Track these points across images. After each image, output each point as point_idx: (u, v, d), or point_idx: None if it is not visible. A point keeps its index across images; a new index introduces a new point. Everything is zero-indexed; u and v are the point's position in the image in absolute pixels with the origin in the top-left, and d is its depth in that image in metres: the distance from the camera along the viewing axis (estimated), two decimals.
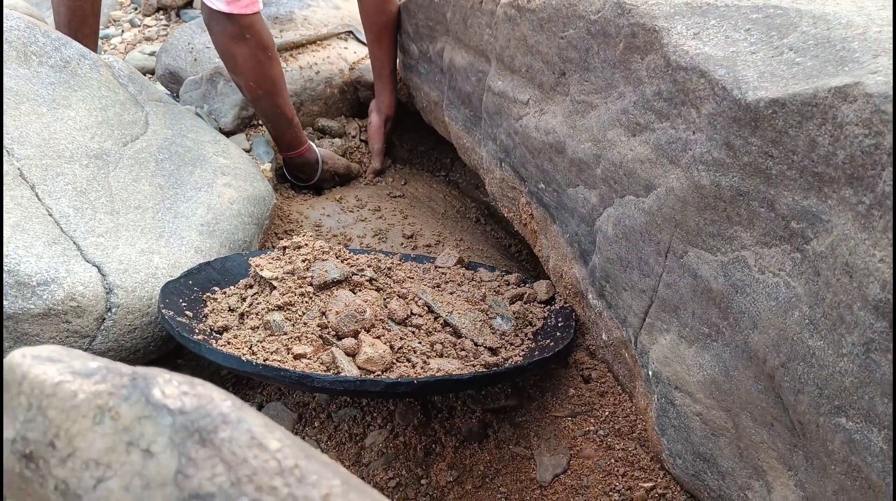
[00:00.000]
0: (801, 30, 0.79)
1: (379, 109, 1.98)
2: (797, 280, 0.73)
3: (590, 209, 1.09)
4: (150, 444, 0.41)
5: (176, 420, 0.41)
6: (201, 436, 0.41)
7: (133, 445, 0.41)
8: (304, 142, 1.84)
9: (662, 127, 0.90)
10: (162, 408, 0.42)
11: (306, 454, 0.42)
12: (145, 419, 0.42)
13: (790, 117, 0.70)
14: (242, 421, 0.41)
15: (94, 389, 0.43)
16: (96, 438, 0.42)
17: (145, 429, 0.42)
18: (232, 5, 1.52)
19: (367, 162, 2.02)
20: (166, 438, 0.41)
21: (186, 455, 0.41)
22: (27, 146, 1.23)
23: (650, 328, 0.98)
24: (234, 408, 0.42)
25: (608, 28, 0.98)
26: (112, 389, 0.43)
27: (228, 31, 1.57)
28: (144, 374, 0.44)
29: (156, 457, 0.41)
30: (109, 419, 0.42)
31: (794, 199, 0.72)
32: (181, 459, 0.40)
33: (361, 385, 0.93)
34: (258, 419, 0.43)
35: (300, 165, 1.87)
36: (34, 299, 1.06)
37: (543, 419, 1.13)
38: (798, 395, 0.72)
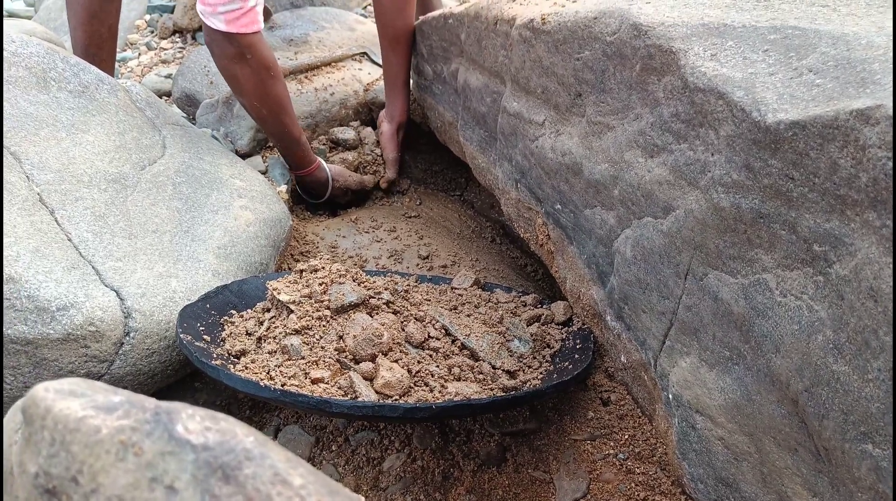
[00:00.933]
0: (821, 51, 0.78)
1: (391, 117, 1.97)
2: (820, 304, 0.72)
3: (607, 231, 1.09)
4: (173, 480, 0.41)
5: (199, 456, 0.41)
6: (225, 472, 0.40)
7: (156, 481, 0.41)
8: (313, 160, 1.84)
9: (680, 148, 0.90)
10: (185, 444, 0.41)
11: (330, 490, 0.42)
12: (168, 454, 0.42)
13: (811, 140, 0.70)
14: (266, 457, 0.41)
15: (117, 424, 0.43)
16: (119, 474, 0.42)
17: (168, 465, 0.41)
18: (232, 25, 1.52)
19: (382, 173, 2.02)
20: (189, 474, 0.41)
21: (210, 491, 0.40)
22: (47, 171, 1.24)
23: (670, 350, 0.97)
24: (258, 444, 0.42)
25: (624, 50, 0.98)
26: (135, 424, 0.43)
27: (229, 51, 1.57)
28: (167, 409, 0.44)
29: (179, 493, 0.41)
30: (132, 455, 0.42)
31: (816, 221, 0.71)
32: (204, 496, 0.40)
33: (380, 410, 0.93)
34: (281, 455, 0.42)
35: (311, 184, 1.88)
36: (53, 324, 1.07)
37: (562, 442, 1.12)
38: (823, 420, 0.71)
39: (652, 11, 0.96)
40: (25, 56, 1.39)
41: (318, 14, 2.27)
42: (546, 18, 1.14)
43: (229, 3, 1.50)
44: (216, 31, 1.54)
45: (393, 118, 1.96)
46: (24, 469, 0.49)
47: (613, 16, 1.00)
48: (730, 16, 0.91)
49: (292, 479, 0.41)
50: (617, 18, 0.99)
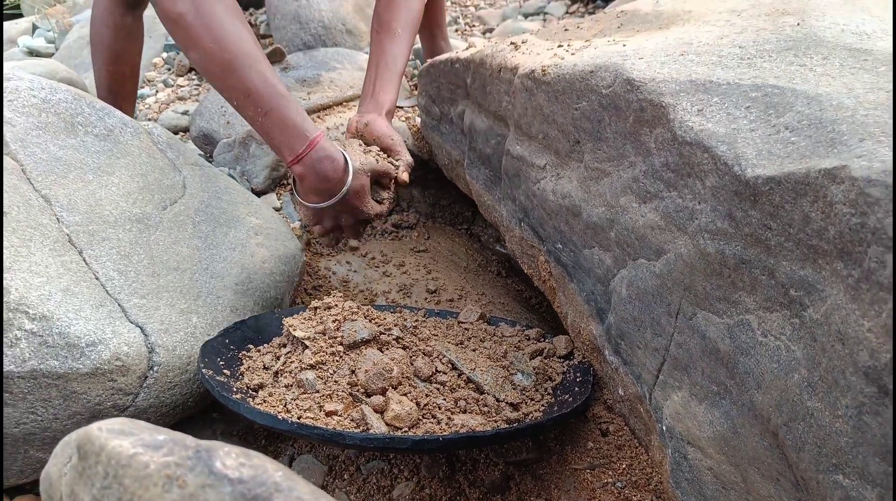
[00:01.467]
0: (797, 110, 0.85)
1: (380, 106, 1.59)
2: (796, 344, 0.78)
3: (605, 270, 1.15)
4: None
5: (235, 489, 0.47)
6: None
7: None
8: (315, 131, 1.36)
9: (671, 196, 0.96)
10: (223, 478, 0.48)
11: None
12: (208, 487, 0.48)
13: (786, 194, 0.76)
14: (293, 490, 0.47)
15: (163, 460, 0.50)
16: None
17: (208, 496, 0.48)
18: None
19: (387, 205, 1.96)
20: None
21: None
22: (75, 213, 1.31)
23: (663, 384, 1.03)
24: (286, 478, 0.48)
25: (619, 102, 1.05)
26: (179, 460, 0.49)
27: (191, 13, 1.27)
28: (207, 447, 0.50)
29: None
30: (177, 487, 0.48)
31: (792, 268, 0.77)
32: None
33: (390, 442, 0.99)
34: (307, 488, 0.49)
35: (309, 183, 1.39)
36: (83, 359, 1.14)
37: (563, 471, 1.18)
38: (800, 453, 0.77)
39: (644, 67, 1.03)
40: (55, 103, 1.47)
41: (330, 55, 2.36)
42: (546, 70, 1.21)
43: None
44: None
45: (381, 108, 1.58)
46: (75, 499, 0.56)
47: (608, 70, 1.07)
48: (716, 73, 0.98)
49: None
50: (612, 73, 1.07)
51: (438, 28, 2.28)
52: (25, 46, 3.61)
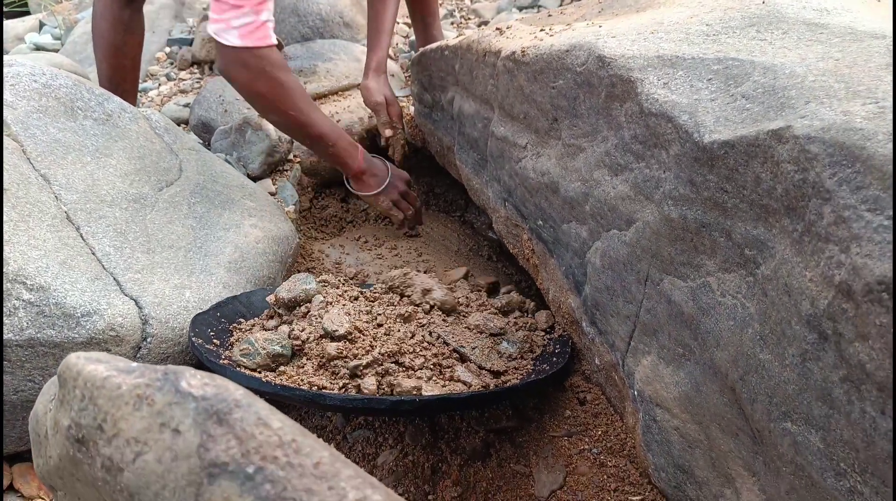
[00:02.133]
0: (753, 79, 0.89)
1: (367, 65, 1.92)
2: (750, 301, 0.82)
3: (581, 243, 1.19)
4: (178, 424, 0.51)
5: (199, 405, 0.51)
6: (219, 417, 0.51)
7: (165, 425, 0.52)
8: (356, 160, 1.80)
9: (639, 167, 1.00)
10: (188, 395, 0.52)
11: (302, 432, 0.52)
12: (174, 404, 0.52)
13: (739, 157, 0.80)
14: (252, 405, 0.51)
15: (134, 382, 0.54)
16: (136, 420, 0.52)
17: (174, 412, 0.52)
18: (246, 38, 1.53)
19: None
20: (191, 419, 0.51)
21: (207, 432, 0.51)
22: (73, 192, 1.36)
23: (634, 350, 1.07)
24: (246, 396, 0.52)
25: (591, 79, 1.09)
26: (149, 381, 0.54)
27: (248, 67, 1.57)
28: (174, 370, 0.54)
29: (182, 435, 0.51)
30: (146, 406, 0.53)
31: (747, 229, 0.81)
32: (202, 435, 0.51)
33: (368, 403, 1.03)
34: (264, 405, 0.53)
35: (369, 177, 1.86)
36: (78, 329, 1.18)
37: (542, 439, 1.22)
38: (754, 404, 0.81)
39: (615, 45, 1.07)
40: (55, 87, 1.52)
41: (327, 46, 2.40)
42: (525, 51, 1.25)
43: (242, 16, 1.51)
44: (232, 48, 1.54)
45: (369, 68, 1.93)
46: (58, 426, 0.60)
47: (582, 49, 1.11)
48: (682, 49, 1.01)
49: (272, 422, 0.51)
50: (585, 51, 1.10)
51: (431, 17, 2.32)
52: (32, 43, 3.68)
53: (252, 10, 1.53)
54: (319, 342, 1.18)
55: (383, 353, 1.15)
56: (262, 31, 1.56)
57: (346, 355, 1.14)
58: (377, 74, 1.93)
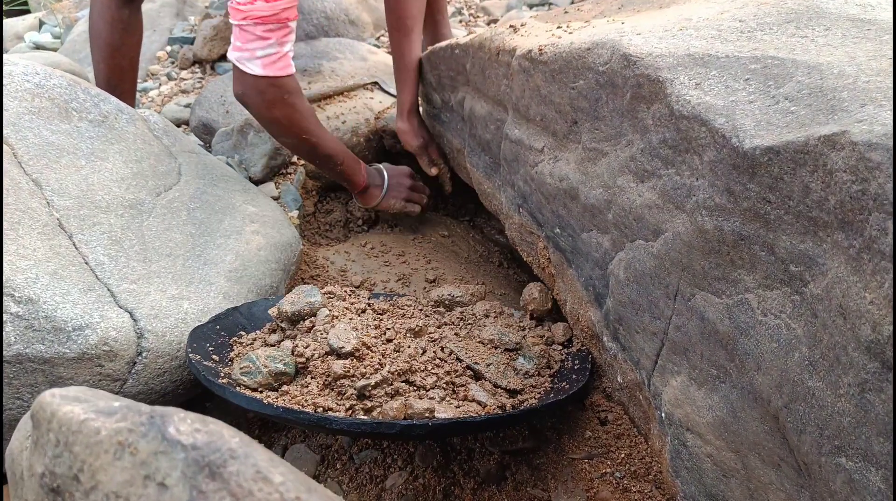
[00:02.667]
0: (797, 80, 0.82)
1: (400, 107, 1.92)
2: (797, 322, 0.75)
3: (603, 254, 1.12)
4: (164, 477, 0.45)
5: (189, 455, 0.45)
6: (211, 470, 0.44)
7: (149, 478, 0.45)
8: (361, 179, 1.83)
9: (668, 173, 0.93)
10: (176, 444, 0.45)
11: (308, 487, 0.46)
12: (161, 454, 0.45)
13: (785, 164, 0.73)
14: (249, 456, 0.45)
15: (115, 426, 0.47)
16: (116, 472, 0.46)
17: (160, 463, 0.45)
18: (269, 68, 1.56)
19: None
20: (179, 472, 0.44)
21: (197, 487, 0.44)
22: (66, 198, 1.29)
23: (662, 370, 1.00)
24: (242, 444, 0.45)
25: (615, 79, 1.02)
26: (132, 426, 0.47)
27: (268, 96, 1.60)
28: (161, 412, 0.47)
29: (170, 490, 0.44)
30: (129, 454, 0.46)
31: (792, 243, 0.74)
32: (192, 491, 0.44)
33: (377, 427, 0.96)
34: (264, 455, 0.46)
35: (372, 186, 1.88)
36: (69, 343, 1.11)
37: (560, 461, 1.15)
38: (801, 435, 0.74)
39: (641, 42, 1.00)
40: (49, 88, 1.45)
41: (332, 45, 2.33)
42: (543, 49, 1.18)
43: (267, 48, 1.54)
44: (252, 76, 1.57)
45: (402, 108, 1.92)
46: (32, 471, 0.53)
47: (605, 47, 1.04)
48: (714, 46, 0.95)
49: (273, 476, 0.44)
50: (608, 49, 1.03)
51: (441, 15, 2.25)
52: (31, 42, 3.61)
53: (277, 42, 1.56)
54: (325, 360, 1.11)
55: (393, 371, 1.08)
56: (283, 61, 1.59)
57: (354, 373, 1.07)
58: (411, 115, 1.93)
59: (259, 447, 0.46)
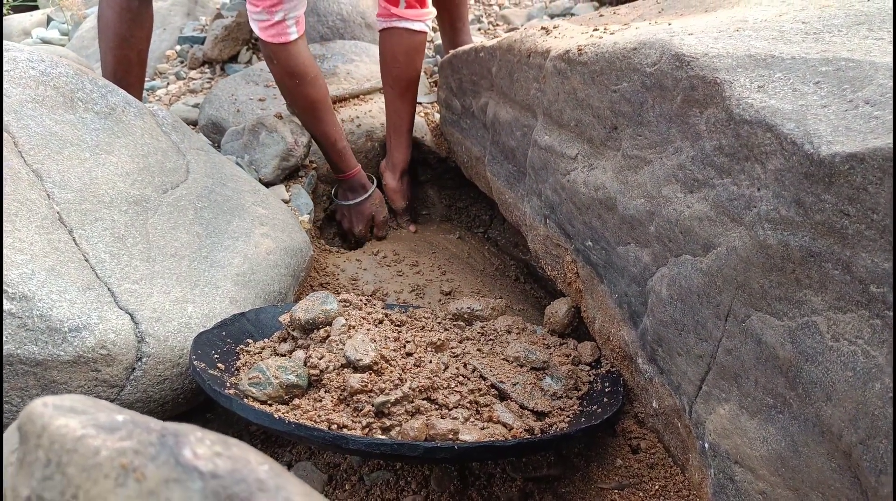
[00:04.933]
0: (878, 83, 0.74)
1: (394, 166, 1.95)
2: (877, 349, 0.67)
3: (641, 269, 1.04)
4: None
5: (207, 485, 0.37)
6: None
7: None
8: (351, 167, 1.87)
9: (723, 183, 0.86)
10: (192, 471, 0.37)
11: None
12: (173, 482, 0.37)
13: (870, 173, 0.65)
14: (281, 489, 0.37)
15: (118, 446, 0.39)
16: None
17: (173, 494, 0.37)
18: (262, 33, 1.65)
19: None
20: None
21: None
22: (68, 191, 1.22)
23: (707, 396, 0.92)
24: (273, 474, 0.37)
25: (665, 81, 0.95)
26: (138, 446, 0.39)
27: (265, 54, 1.72)
28: (175, 431, 0.40)
29: None
30: (134, 481, 0.38)
31: (874, 261, 0.67)
32: None
33: (398, 449, 0.88)
34: (298, 488, 0.38)
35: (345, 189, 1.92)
36: (64, 345, 1.04)
37: (588, 490, 1.06)
38: (880, 476, 0.66)
39: (695, 42, 0.93)
40: (54, 76, 1.38)
41: (348, 47, 2.27)
42: (583, 49, 1.11)
43: (259, 13, 1.63)
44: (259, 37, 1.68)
45: (396, 167, 1.95)
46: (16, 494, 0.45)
47: (654, 46, 0.97)
48: (777, 48, 0.87)
49: None
50: (658, 49, 0.96)
51: (461, 22, 2.19)
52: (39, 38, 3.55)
53: (265, 10, 1.62)
54: (340, 373, 1.03)
55: (414, 388, 1.00)
56: (276, 29, 1.65)
57: (372, 389, 0.99)
58: (403, 176, 1.98)
59: (292, 477, 0.39)
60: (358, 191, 1.91)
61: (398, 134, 1.92)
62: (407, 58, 1.82)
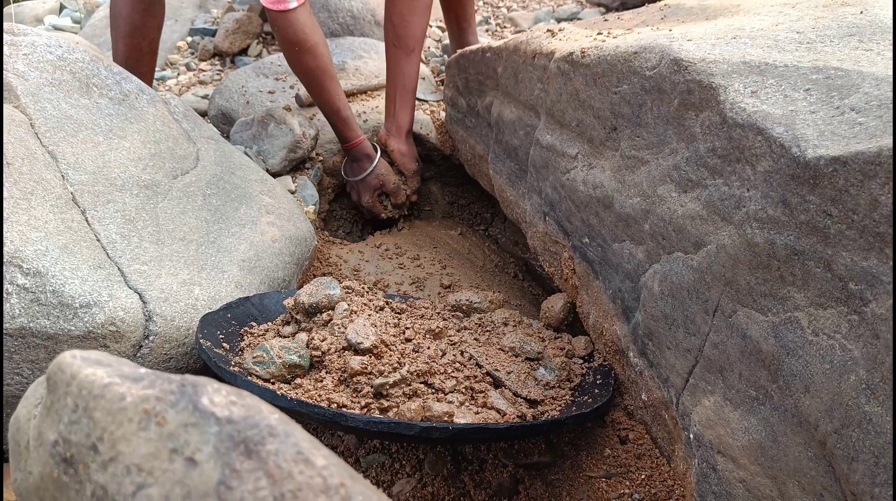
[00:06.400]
0: (864, 91, 0.78)
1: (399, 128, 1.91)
2: (854, 343, 0.70)
3: (635, 265, 1.08)
4: (194, 452, 0.40)
5: (223, 430, 0.40)
6: (247, 447, 0.40)
7: (177, 452, 0.41)
8: (354, 137, 1.87)
9: (715, 184, 0.89)
10: (209, 416, 0.41)
11: (351, 474, 0.41)
12: (191, 426, 0.41)
13: (852, 176, 0.69)
14: (290, 435, 0.40)
15: (142, 393, 0.43)
16: (140, 443, 0.41)
17: (190, 437, 0.41)
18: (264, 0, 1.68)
19: None
20: (211, 447, 0.40)
21: (231, 465, 0.39)
22: (81, 172, 1.25)
23: (694, 388, 0.96)
24: (283, 422, 0.41)
25: (663, 84, 0.98)
26: (160, 394, 0.42)
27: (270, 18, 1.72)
28: (193, 381, 0.43)
29: (199, 466, 0.40)
30: (155, 425, 0.41)
31: (853, 259, 0.70)
32: (225, 470, 0.39)
33: (395, 427, 0.91)
34: (305, 436, 0.42)
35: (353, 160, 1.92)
36: (76, 320, 1.07)
37: (577, 478, 1.10)
38: (852, 463, 0.69)
39: (693, 48, 0.96)
40: (71, 61, 1.42)
41: (357, 44, 2.30)
42: (586, 52, 1.15)
43: None
44: None
45: (401, 129, 1.92)
46: (41, 439, 0.49)
47: (654, 51, 1.01)
48: (771, 55, 0.91)
49: (315, 459, 0.40)
50: (657, 53, 1.00)
51: (467, 22, 2.22)
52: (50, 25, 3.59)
53: None
54: (342, 355, 1.06)
55: (412, 372, 1.03)
56: None
57: (371, 371, 1.03)
58: (409, 138, 1.95)
59: (299, 427, 0.42)
60: (363, 161, 1.90)
61: (403, 94, 1.88)
62: (416, 16, 1.81)
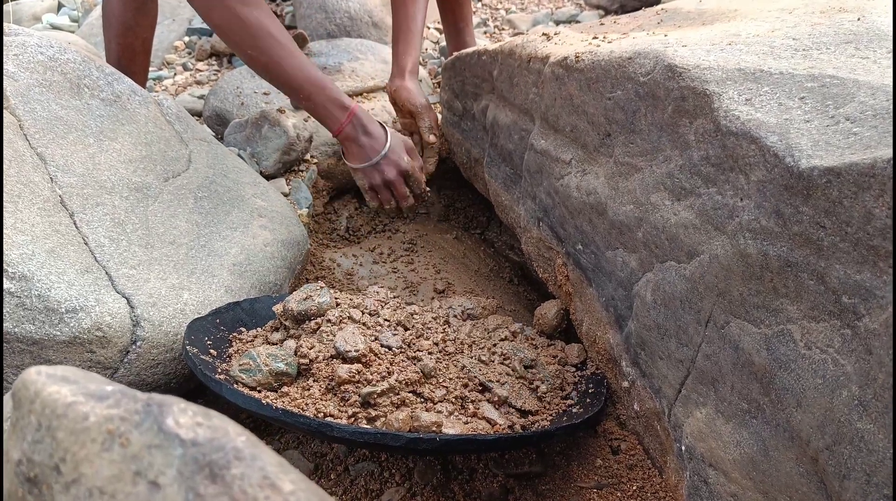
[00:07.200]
0: (859, 100, 0.77)
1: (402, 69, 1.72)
2: (847, 358, 0.69)
3: (628, 273, 1.07)
4: (157, 475, 0.39)
5: (187, 452, 0.39)
6: (212, 471, 0.38)
7: (140, 475, 0.39)
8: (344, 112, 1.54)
9: (709, 192, 0.88)
10: (174, 438, 0.40)
11: (320, 498, 0.40)
12: (155, 448, 0.40)
13: (846, 187, 0.68)
14: (257, 459, 0.39)
15: (105, 413, 0.41)
16: (103, 465, 0.40)
17: (154, 459, 0.39)
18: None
19: None
20: (175, 470, 0.39)
21: (195, 490, 0.38)
22: (70, 175, 1.24)
23: (686, 400, 0.94)
24: (250, 444, 0.40)
25: (657, 91, 0.97)
26: (125, 414, 0.41)
27: None
28: (160, 401, 0.42)
29: (162, 490, 0.39)
30: (118, 446, 0.40)
31: (847, 272, 0.69)
32: (189, 494, 0.38)
33: (381, 438, 0.90)
34: (273, 459, 0.40)
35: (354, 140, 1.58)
36: (61, 325, 1.06)
37: (568, 488, 1.09)
38: (844, 481, 0.68)
39: (688, 54, 0.95)
40: (62, 62, 1.40)
41: (354, 45, 2.29)
42: (580, 57, 1.14)
43: None
44: None
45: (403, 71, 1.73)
46: (8, 457, 0.47)
47: (648, 56, 1.00)
48: (767, 63, 0.90)
49: (282, 484, 0.38)
50: (652, 59, 0.99)
51: (464, 23, 2.21)
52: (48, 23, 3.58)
53: None
54: (329, 363, 1.05)
55: (401, 381, 1.02)
56: None
57: (359, 379, 1.01)
58: (413, 76, 1.77)
59: (267, 449, 0.41)
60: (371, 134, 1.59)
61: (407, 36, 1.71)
62: None
